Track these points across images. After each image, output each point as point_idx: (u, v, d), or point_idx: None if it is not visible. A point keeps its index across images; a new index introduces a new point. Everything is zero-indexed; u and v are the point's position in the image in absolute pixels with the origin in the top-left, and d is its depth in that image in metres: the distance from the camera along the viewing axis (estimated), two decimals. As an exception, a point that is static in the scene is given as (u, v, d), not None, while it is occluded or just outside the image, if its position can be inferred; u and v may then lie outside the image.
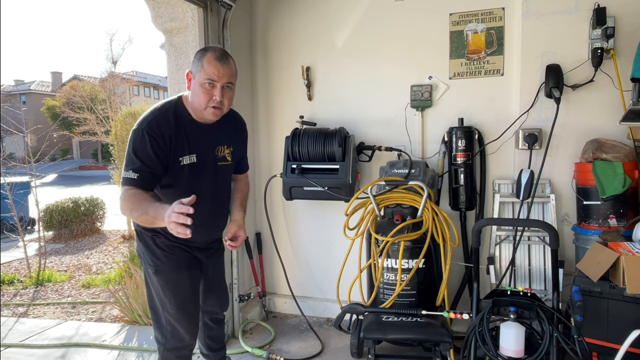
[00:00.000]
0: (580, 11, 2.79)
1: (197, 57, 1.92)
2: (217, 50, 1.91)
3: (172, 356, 2.15)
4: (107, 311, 4.07)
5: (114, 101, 9.17)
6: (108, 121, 8.70)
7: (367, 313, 2.59)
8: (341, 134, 3.08)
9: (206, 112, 1.92)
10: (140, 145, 1.84)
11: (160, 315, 2.10)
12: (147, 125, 1.86)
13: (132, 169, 1.81)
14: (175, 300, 2.06)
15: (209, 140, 2.04)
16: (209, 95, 1.88)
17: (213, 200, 2.10)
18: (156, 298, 2.10)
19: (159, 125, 1.87)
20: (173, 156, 1.90)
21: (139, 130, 1.86)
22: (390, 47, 3.24)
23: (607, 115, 2.78)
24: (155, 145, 1.84)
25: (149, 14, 3.13)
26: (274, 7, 3.50)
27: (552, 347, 1.95)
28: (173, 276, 2.06)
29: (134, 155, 1.83)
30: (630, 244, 2.25)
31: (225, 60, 1.90)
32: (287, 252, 3.63)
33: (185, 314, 2.10)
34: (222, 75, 1.88)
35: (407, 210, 2.76)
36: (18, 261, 6.26)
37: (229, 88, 1.94)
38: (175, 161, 1.91)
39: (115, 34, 20.88)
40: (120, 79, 11.80)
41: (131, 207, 1.78)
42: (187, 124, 1.95)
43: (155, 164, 1.85)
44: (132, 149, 1.85)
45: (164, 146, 1.86)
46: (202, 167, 2.00)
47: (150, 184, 1.86)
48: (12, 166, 7.33)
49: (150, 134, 1.84)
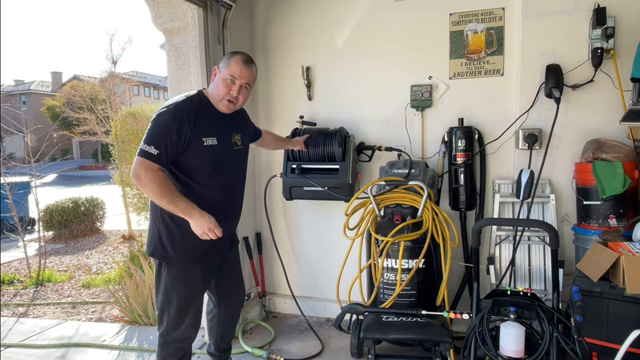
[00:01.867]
0: (580, 11, 2.78)
1: (227, 56, 2.16)
2: (245, 55, 2.16)
3: (171, 348, 2.19)
4: (107, 311, 4.07)
5: (114, 101, 9.17)
6: (108, 121, 8.69)
7: (367, 313, 2.59)
8: (341, 134, 3.08)
9: (221, 104, 2.13)
10: (166, 125, 1.97)
11: (166, 306, 2.15)
12: (174, 107, 2.02)
13: (154, 145, 1.93)
14: (185, 293, 2.14)
15: (226, 127, 2.21)
16: (228, 89, 2.10)
17: (231, 185, 2.25)
18: (164, 289, 2.14)
19: (187, 108, 2.03)
20: (196, 137, 2.02)
21: (168, 112, 2.00)
22: (391, 47, 3.23)
23: (607, 115, 2.78)
24: (180, 128, 1.97)
25: (149, 14, 3.13)
26: (274, 7, 3.50)
27: (552, 347, 1.95)
28: (185, 269, 2.12)
29: (158, 133, 1.96)
30: (630, 244, 2.25)
31: (249, 64, 2.15)
32: (287, 252, 3.63)
33: (191, 308, 2.17)
34: (243, 75, 2.11)
35: (407, 210, 2.76)
36: (18, 261, 6.26)
37: (246, 88, 2.16)
38: (198, 141, 2.03)
39: (115, 34, 20.88)
40: (120, 79, 11.80)
41: (160, 192, 1.92)
42: (208, 110, 2.13)
43: (176, 145, 1.97)
44: (157, 125, 1.97)
45: (187, 129, 1.99)
46: (223, 150, 2.16)
47: (167, 163, 1.98)
48: (12, 166, 7.33)
49: (178, 116, 1.99)
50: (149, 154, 1.92)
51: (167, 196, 1.93)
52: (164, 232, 2.09)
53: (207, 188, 2.10)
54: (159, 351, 2.21)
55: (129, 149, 6.40)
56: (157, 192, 1.92)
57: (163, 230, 2.09)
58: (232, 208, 2.31)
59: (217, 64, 2.18)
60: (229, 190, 2.24)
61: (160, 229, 2.10)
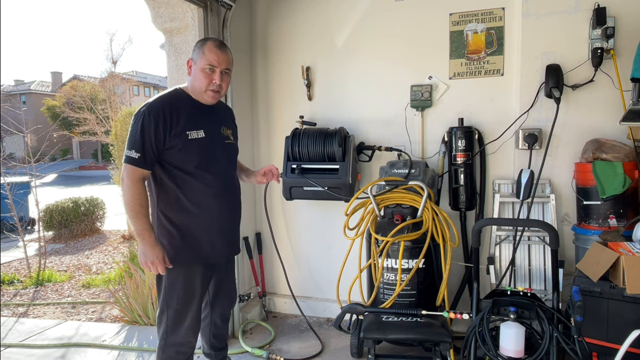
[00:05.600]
0: (580, 11, 2.78)
1: (197, 45, 2.10)
2: (216, 40, 2.11)
3: (172, 352, 2.16)
4: (107, 311, 4.07)
5: (114, 101, 9.16)
6: (108, 121, 8.69)
7: (367, 313, 2.58)
8: (341, 134, 3.08)
9: (206, 95, 2.10)
10: (143, 126, 1.95)
11: (165, 308, 2.12)
12: (149, 107, 1.99)
13: (134, 149, 1.93)
14: (184, 295, 2.11)
15: (214, 120, 2.19)
16: (209, 79, 2.06)
17: (226, 182, 2.21)
18: (164, 290, 2.12)
19: (163, 106, 2.01)
20: (180, 131, 2.01)
21: (143, 112, 1.98)
22: (391, 47, 3.23)
23: (607, 115, 2.78)
24: (156, 126, 1.96)
25: (149, 14, 3.13)
26: (274, 7, 3.50)
27: (552, 347, 1.95)
28: (185, 270, 2.10)
29: (138, 136, 1.94)
30: (630, 244, 2.25)
31: (224, 48, 2.10)
32: (287, 252, 3.63)
33: (189, 310, 2.13)
34: (221, 61, 2.06)
35: (407, 210, 2.76)
36: (18, 261, 6.26)
37: (227, 74, 2.12)
38: (181, 135, 2.01)
39: (115, 34, 20.85)
40: (120, 79, 11.78)
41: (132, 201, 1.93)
42: (189, 104, 2.10)
43: (155, 144, 1.96)
44: (136, 129, 1.96)
45: (165, 126, 1.97)
46: (212, 144, 2.12)
47: (151, 164, 1.98)
48: (12, 166, 7.33)
49: (153, 115, 1.97)
50: (131, 158, 1.93)
51: (135, 209, 1.93)
52: (163, 233, 2.08)
53: (203, 181, 2.07)
54: (159, 354, 2.17)
55: (129, 149, 6.38)
56: (128, 200, 1.93)
57: (162, 232, 2.08)
58: (233, 202, 2.28)
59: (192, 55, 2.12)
60: (227, 181, 2.21)
61: (160, 230, 2.08)
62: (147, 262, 1.96)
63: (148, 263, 1.97)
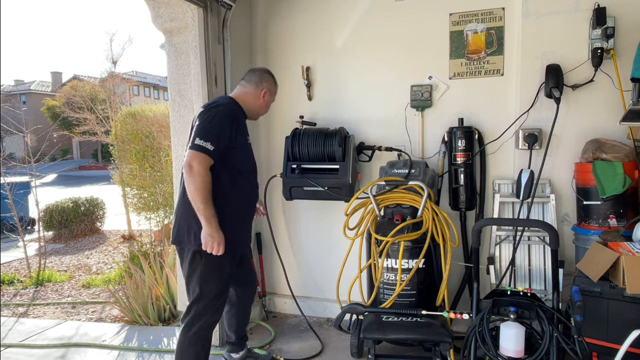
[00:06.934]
0: (580, 11, 2.78)
1: (272, 79, 2.55)
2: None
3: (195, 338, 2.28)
4: (107, 311, 4.07)
5: (114, 101, 9.14)
6: (108, 121, 8.67)
7: (367, 313, 2.59)
8: (341, 134, 3.08)
9: (258, 117, 2.58)
10: (221, 123, 2.19)
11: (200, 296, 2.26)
12: (225, 107, 2.28)
13: (210, 141, 2.13)
14: (220, 280, 2.29)
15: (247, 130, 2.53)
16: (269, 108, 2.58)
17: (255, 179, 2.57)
18: (200, 278, 2.25)
19: (236, 109, 2.35)
20: (241, 135, 2.31)
21: (220, 111, 2.23)
22: (391, 47, 3.23)
23: (607, 115, 2.78)
24: (232, 125, 2.23)
25: (149, 14, 3.13)
26: (274, 7, 3.50)
27: (552, 347, 1.95)
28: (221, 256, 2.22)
29: (215, 130, 2.17)
30: (630, 244, 2.25)
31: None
32: (287, 252, 3.63)
33: (224, 293, 2.35)
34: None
35: (407, 210, 2.76)
36: (18, 261, 6.26)
37: None
38: (243, 138, 2.35)
39: (115, 34, 20.84)
40: (120, 79, 11.75)
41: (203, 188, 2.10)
42: (243, 115, 2.43)
43: (228, 141, 2.20)
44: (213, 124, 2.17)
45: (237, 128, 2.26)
46: (251, 149, 2.51)
47: (218, 157, 2.18)
48: (12, 166, 7.32)
49: (229, 115, 2.26)
50: (205, 149, 2.11)
51: (205, 195, 2.10)
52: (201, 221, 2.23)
53: (246, 180, 2.39)
54: (182, 340, 2.27)
55: (129, 149, 6.39)
56: (200, 186, 2.09)
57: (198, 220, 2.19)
58: (256, 199, 2.59)
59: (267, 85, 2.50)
60: (255, 182, 2.56)
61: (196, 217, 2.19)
62: (214, 243, 2.14)
63: (214, 244, 2.14)
